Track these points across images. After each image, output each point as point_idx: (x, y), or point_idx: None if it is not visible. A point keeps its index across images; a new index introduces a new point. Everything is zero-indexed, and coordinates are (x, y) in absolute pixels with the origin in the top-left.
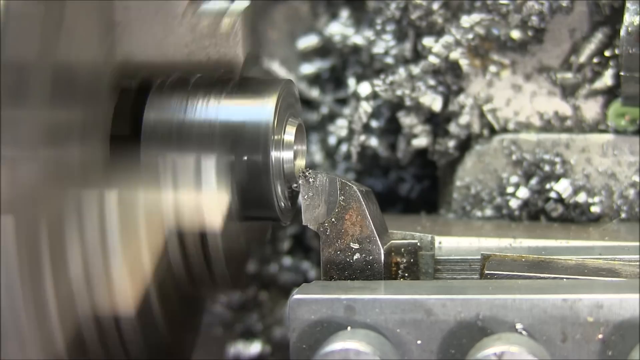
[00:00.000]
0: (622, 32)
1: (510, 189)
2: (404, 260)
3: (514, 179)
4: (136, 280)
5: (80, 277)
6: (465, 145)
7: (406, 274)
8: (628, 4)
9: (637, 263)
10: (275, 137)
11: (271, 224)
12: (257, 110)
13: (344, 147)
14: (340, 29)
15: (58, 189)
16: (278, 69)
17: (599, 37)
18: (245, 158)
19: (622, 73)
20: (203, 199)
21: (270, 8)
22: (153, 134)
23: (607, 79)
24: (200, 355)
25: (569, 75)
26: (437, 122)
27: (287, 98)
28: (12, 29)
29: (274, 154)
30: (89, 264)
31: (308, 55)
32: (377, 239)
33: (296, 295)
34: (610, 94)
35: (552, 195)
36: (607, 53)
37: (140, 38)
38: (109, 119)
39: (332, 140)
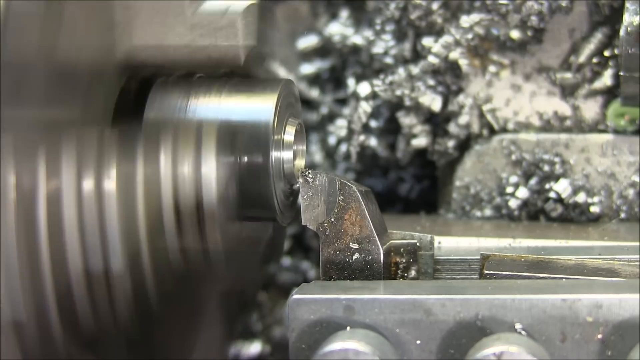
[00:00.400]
0: (622, 32)
1: (509, 189)
2: (404, 260)
3: (514, 179)
4: (130, 239)
5: (74, 228)
6: (464, 145)
7: (405, 274)
8: (627, 4)
9: (637, 263)
10: (275, 137)
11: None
12: (257, 110)
13: (343, 147)
14: (339, 28)
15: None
16: (277, 69)
17: (598, 37)
18: (245, 158)
19: (621, 73)
20: (202, 168)
21: (270, 8)
22: (153, 133)
23: (606, 79)
24: (200, 355)
25: (568, 75)
26: (437, 122)
27: (287, 98)
28: (12, 27)
29: (274, 154)
30: (84, 217)
31: (308, 55)
32: (377, 238)
33: (295, 295)
34: (609, 94)
35: (552, 195)
36: (606, 53)
37: (140, 38)
38: (109, 119)
39: (332, 140)
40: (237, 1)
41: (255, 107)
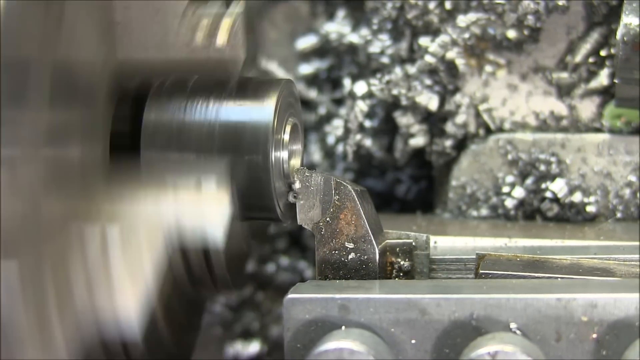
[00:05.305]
0: (619, 37)
1: (505, 189)
2: (399, 260)
3: (510, 178)
4: (141, 300)
5: (86, 304)
6: (461, 145)
7: (401, 274)
8: (625, 10)
9: (632, 263)
10: (276, 137)
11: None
12: (257, 110)
13: (341, 147)
14: (336, 27)
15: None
16: (276, 69)
17: (594, 36)
18: (245, 158)
19: (616, 81)
20: (204, 211)
21: (270, 8)
22: (153, 134)
23: (602, 79)
24: (200, 355)
25: (564, 75)
26: (434, 122)
27: (287, 98)
28: (12, 28)
29: (274, 154)
30: (93, 290)
31: (307, 55)
32: (372, 238)
33: (291, 295)
34: (606, 93)
35: (548, 194)
36: (602, 53)
37: (140, 38)
38: (109, 120)
39: (331, 140)
40: (237, 1)
41: (255, 108)
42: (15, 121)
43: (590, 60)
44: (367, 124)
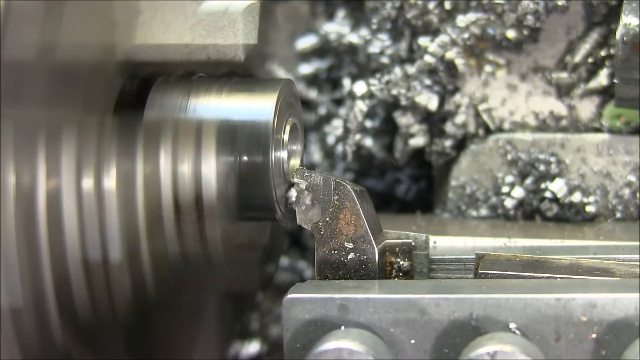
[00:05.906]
0: (618, 37)
1: (505, 189)
2: (399, 260)
3: (509, 178)
4: (128, 232)
5: (74, 219)
6: (460, 145)
7: (400, 274)
8: (625, 10)
9: (632, 263)
10: (276, 136)
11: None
12: (257, 109)
13: (341, 147)
14: (335, 27)
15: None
16: (276, 69)
17: (594, 36)
18: (245, 158)
19: (615, 81)
20: (202, 167)
21: (270, 8)
22: (153, 131)
23: (602, 79)
24: (200, 355)
25: (564, 75)
26: (433, 122)
27: (287, 97)
28: (12, 28)
29: (274, 154)
30: (83, 209)
31: (307, 55)
32: (372, 238)
33: (290, 295)
34: (605, 93)
35: (547, 194)
36: (602, 53)
37: (140, 38)
38: (109, 118)
39: (331, 140)
40: (238, 1)
41: (255, 107)
42: (15, 121)
43: (590, 60)
44: (367, 124)
